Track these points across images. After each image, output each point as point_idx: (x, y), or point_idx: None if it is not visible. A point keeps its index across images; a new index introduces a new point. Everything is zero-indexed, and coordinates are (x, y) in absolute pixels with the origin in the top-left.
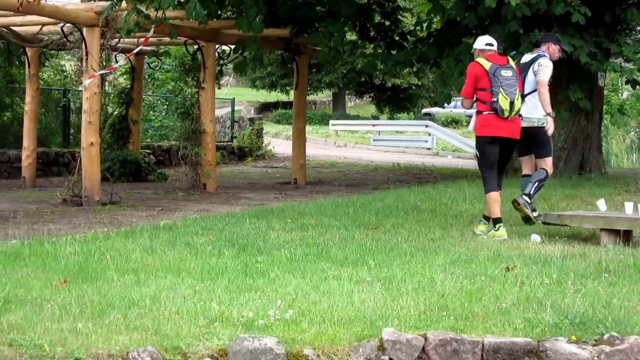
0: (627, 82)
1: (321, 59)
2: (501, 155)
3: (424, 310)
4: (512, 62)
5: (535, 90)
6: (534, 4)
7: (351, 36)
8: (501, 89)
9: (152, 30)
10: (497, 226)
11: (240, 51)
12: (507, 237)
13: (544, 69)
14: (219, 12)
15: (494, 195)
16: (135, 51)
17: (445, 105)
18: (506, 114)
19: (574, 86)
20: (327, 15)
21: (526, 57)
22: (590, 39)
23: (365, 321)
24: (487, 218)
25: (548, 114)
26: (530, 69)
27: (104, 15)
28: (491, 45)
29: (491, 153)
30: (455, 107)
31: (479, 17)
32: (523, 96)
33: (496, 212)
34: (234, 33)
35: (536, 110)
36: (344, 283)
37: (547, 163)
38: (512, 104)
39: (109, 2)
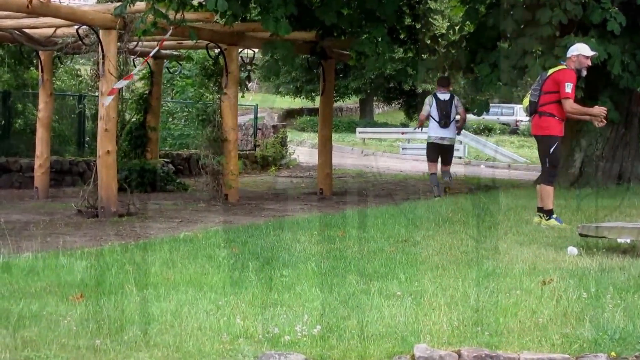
0: None
1: (370, 66)
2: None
3: (457, 325)
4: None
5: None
6: (570, 11)
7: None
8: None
9: (169, 31)
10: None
11: (270, 53)
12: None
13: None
14: (244, 14)
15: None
16: (152, 54)
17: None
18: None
19: (603, 96)
20: (365, 19)
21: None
22: (624, 47)
23: (396, 337)
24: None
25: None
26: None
27: (117, 12)
28: None
29: None
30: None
31: (515, 20)
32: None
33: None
34: (257, 36)
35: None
36: (373, 297)
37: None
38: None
39: (124, 1)
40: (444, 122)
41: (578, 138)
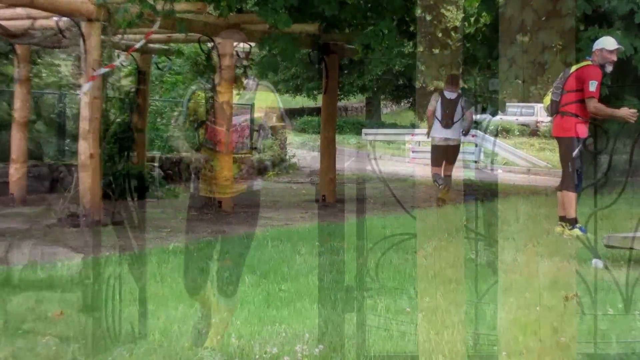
0: None
1: (375, 62)
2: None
3: (472, 345)
4: None
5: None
6: (594, 0)
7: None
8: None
9: (157, 23)
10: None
11: (268, 47)
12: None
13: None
14: (239, 5)
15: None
16: (137, 46)
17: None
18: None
19: (629, 94)
20: (370, 10)
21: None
22: None
23: (405, 357)
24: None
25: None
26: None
27: (99, 2)
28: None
29: None
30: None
31: (534, 10)
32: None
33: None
34: (254, 29)
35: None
36: (380, 314)
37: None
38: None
39: None
40: (446, 122)
41: (603, 140)
